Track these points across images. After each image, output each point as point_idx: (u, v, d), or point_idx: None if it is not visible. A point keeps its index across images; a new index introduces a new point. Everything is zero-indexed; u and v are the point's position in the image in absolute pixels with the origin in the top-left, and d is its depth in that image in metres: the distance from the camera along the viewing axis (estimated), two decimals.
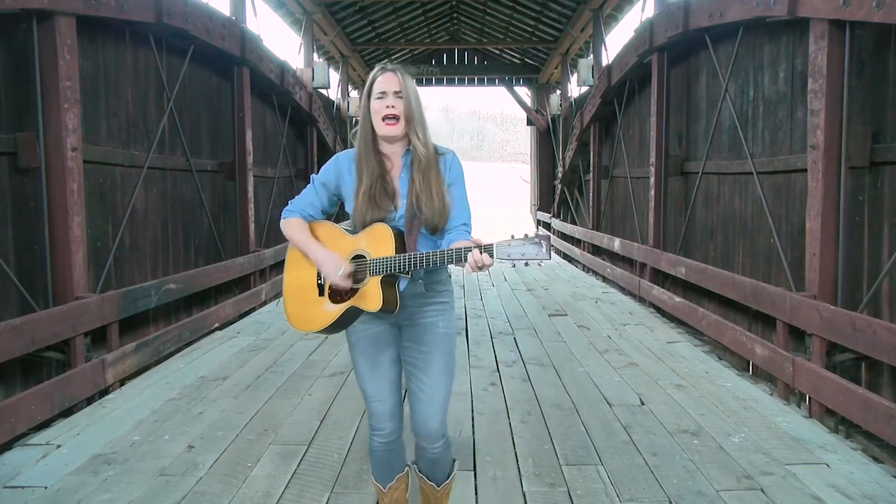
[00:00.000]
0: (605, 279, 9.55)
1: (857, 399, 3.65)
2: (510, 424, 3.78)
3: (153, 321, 5.64)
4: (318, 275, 2.20)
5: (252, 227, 7.63)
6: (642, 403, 4.14)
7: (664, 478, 3.09)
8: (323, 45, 13.35)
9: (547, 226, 16.12)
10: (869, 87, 4.11)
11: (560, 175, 14.13)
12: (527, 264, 1.94)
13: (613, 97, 9.58)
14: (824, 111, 4.18)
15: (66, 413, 4.00)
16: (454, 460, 2.41)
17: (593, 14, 11.65)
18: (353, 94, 16.40)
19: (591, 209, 11.12)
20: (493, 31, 16.37)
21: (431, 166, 2.16)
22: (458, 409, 3.91)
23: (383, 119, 2.13)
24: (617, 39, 14.35)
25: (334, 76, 14.23)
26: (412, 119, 2.14)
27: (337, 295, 2.17)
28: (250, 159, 7.59)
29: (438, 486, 2.36)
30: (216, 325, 6.27)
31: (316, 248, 2.19)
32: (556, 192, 15.22)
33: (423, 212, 2.12)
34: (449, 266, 2.14)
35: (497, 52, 17.92)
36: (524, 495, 2.94)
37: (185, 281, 5.81)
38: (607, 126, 10.56)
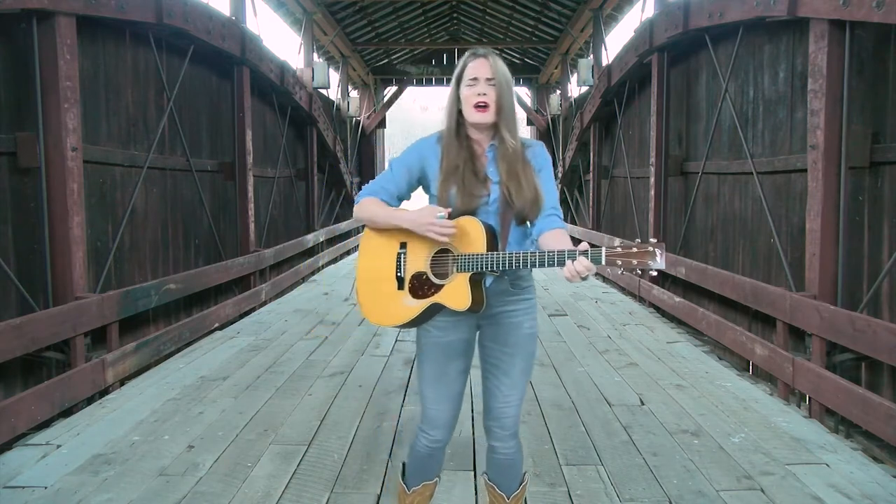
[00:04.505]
0: (605, 279, 9.55)
1: (856, 399, 3.65)
2: None
3: (153, 321, 5.64)
4: (398, 266, 2.08)
5: (252, 227, 7.63)
6: (642, 403, 4.14)
7: (664, 478, 3.09)
8: (323, 45, 13.35)
9: None
10: (869, 87, 4.11)
11: (560, 175, 14.13)
12: (637, 273, 1.82)
13: (613, 97, 9.58)
14: (824, 111, 4.18)
15: (66, 413, 4.00)
16: (525, 471, 2.30)
17: (593, 14, 11.66)
18: (353, 93, 16.41)
19: (590, 209, 11.13)
20: (493, 31, 16.38)
21: (518, 158, 2.07)
22: None
23: (474, 106, 2.04)
24: (617, 39, 14.36)
25: (334, 76, 14.23)
26: (503, 109, 2.06)
27: (418, 289, 2.04)
28: (250, 159, 7.59)
29: (508, 498, 2.23)
30: (216, 325, 6.27)
31: (402, 211, 2.07)
32: None
33: (514, 203, 2.03)
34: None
35: (497, 52, 17.88)
36: None
37: (185, 281, 5.81)
38: (607, 126, 10.56)
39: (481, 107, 2.04)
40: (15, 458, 3.33)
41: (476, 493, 2.94)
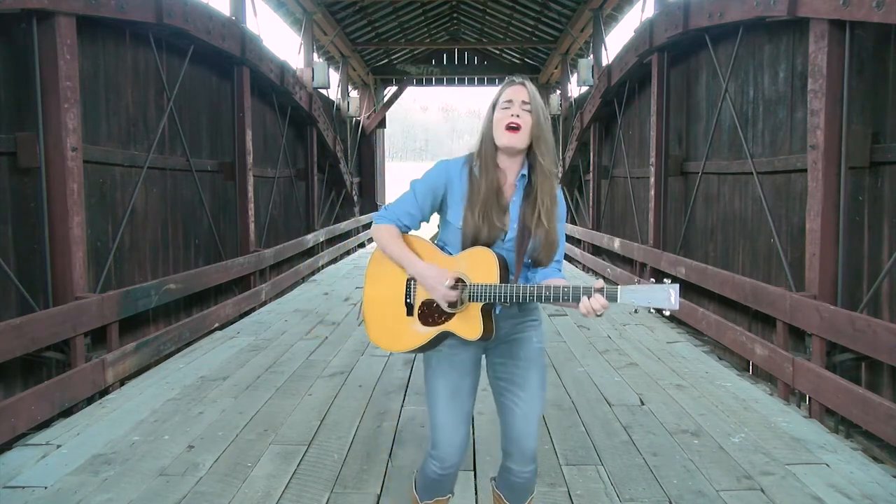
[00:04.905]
0: (604, 278, 9.55)
1: (857, 399, 3.65)
2: None
3: (153, 321, 5.64)
4: (407, 292, 2.06)
5: (252, 227, 7.63)
6: (642, 403, 4.14)
7: (664, 478, 3.09)
8: (323, 45, 13.34)
9: None
10: (869, 87, 4.11)
11: (560, 175, 14.13)
12: (650, 311, 1.84)
13: (613, 97, 9.58)
14: (824, 111, 4.18)
15: (66, 413, 4.00)
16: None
17: (593, 14, 11.65)
18: (353, 93, 16.41)
19: (591, 209, 11.13)
20: (493, 31, 16.37)
21: (551, 190, 2.02)
22: None
23: (506, 127, 1.97)
24: (617, 39, 14.37)
25: (334, 76, 14.22)
26: (540, 138, 2.00)
27: (428, 316, 2.03)
28: (250, 159, 7.59)
29: None
30: (216, 325, 6.27)
31: (415, 260, 2.03)
32: None
33: (536, 239, 2.00)
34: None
35: (497, 52, 17.92)
36: None
37: (185, 281, 5.81)
38: (607, 126, 10.56)
39: (513, 128, 1.97)
40: (15, 458, 3.33)
41: (476, 493, 2.94)
